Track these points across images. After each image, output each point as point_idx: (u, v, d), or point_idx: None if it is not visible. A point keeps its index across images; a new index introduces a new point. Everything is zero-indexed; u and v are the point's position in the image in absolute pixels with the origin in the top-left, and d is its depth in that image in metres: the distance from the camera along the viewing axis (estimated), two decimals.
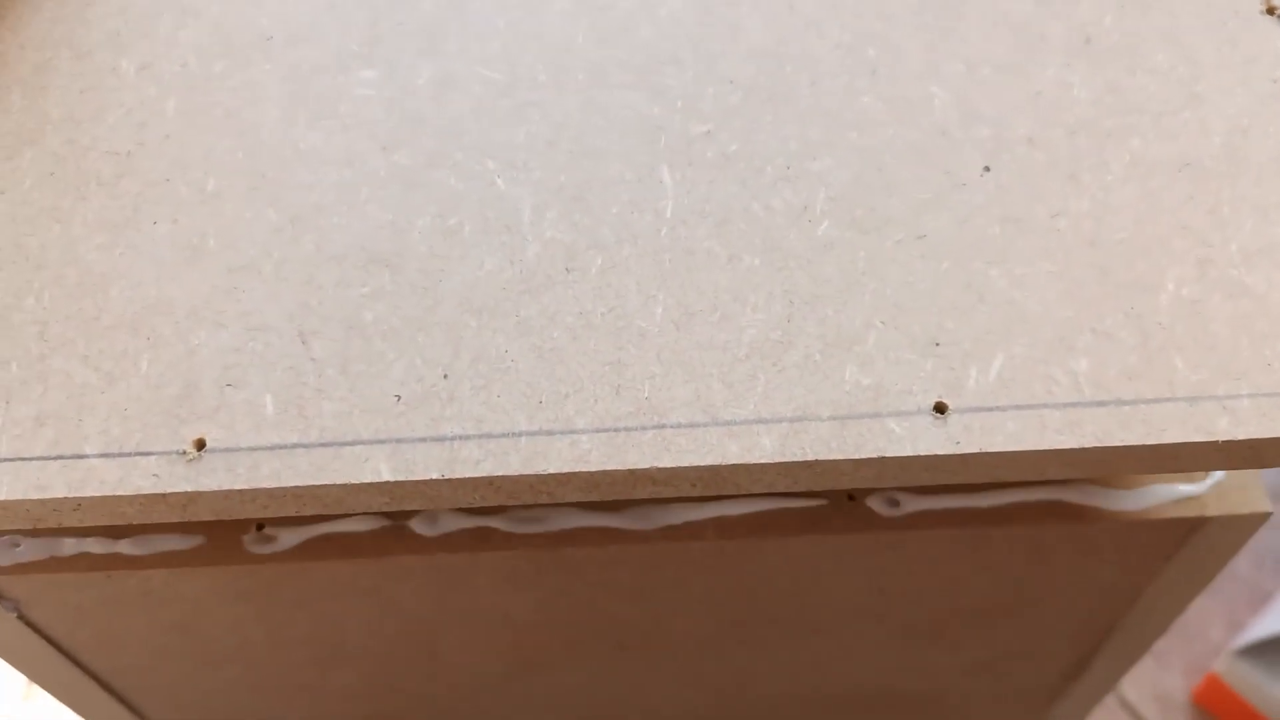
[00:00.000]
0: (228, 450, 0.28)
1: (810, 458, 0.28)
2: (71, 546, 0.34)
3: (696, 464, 0.28)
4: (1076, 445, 0.29)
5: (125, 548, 0.34)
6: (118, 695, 0.42)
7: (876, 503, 0.35)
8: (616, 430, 0.29)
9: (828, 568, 0.37)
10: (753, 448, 0.29)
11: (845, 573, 0.37)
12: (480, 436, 0.29)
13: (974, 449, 0.28)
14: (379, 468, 0.28)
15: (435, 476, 0.28)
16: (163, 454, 0.28)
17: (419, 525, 0.35)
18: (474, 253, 0.32)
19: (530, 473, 0.28)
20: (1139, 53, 0.35)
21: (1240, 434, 0.29)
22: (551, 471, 0.28)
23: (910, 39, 0.36)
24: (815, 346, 0.30)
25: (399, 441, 0.29)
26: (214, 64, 0.35)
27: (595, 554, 0.35)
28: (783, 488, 0.29)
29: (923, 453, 0.28)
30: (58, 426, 0.29)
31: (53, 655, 0.38)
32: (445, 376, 0.30)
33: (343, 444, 0.29)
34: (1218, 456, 0.29)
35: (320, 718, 0.45)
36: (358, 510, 0.29)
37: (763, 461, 0.28)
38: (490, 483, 0.28)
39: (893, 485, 0.30)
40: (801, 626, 0.40)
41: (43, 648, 0.38)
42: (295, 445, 0.29)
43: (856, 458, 0.28)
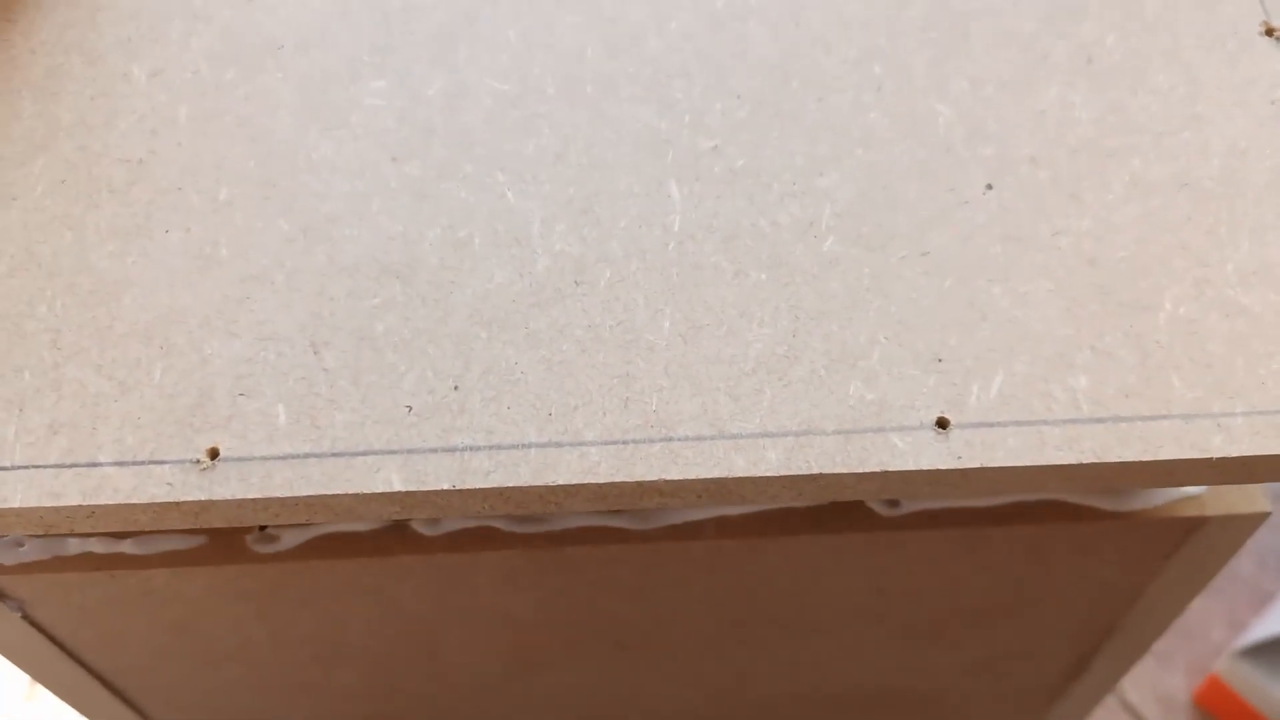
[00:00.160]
0: (241, 459, 0.29)
1: (815, 471, 0.29)
2: (75, 546, 0.34)
3: (703, 476, 0.29)
4: (1075, 461, 0.29)
5: (128, 548, 0.34)
6: (120, 694, 0.42)
7: (876, 503, 0.35)
8: (625, 442, 0.29)
9: (828, 568, 0.37)
10: (759, 461, 0.29)
11: (845, 573, 0.38)
12: (490, 448, 0.29)
13: (975, 464, 0.29)
14: (390, 478, 0.29)
15: (446, 487, 0.28)
16: (176, 463, 0.29)
17: (420, 525, 0.35)
18: (484, 265, 0.32)
19: (540, 484, 0.29)
20: (1140, 73, 0.36)
21: (1234, 451, 0.29)
22: (560, 483, 0.29)
23: (916, 55, 0.36)
24: (820, 361, 0.31)
25: (410, 452, 0.29)
26: (225, 71, 0.36)
27: (595, 553, 0.35)
28: (787, 500, 0.30)
29: (925, 467, 0.29)
30: (71, 435, 0.29)
31: (56, 654, 0.39)
32: (456, 388, 0.30)
33: (355, 454, 0.29)
34: (1211, 472, 0.30)
35: (321, 717, 0.46)
36: (368, 519, 0.29)
37: (768, 475, 0.29)
38: (500, 493, 0.29)
39: (895, 498, 0.30)
40: (801, 626, 0.41)
41: (46, 647, 0.38)
42: (308, 455, 0.29)
43: (860, 471, 0.29)
